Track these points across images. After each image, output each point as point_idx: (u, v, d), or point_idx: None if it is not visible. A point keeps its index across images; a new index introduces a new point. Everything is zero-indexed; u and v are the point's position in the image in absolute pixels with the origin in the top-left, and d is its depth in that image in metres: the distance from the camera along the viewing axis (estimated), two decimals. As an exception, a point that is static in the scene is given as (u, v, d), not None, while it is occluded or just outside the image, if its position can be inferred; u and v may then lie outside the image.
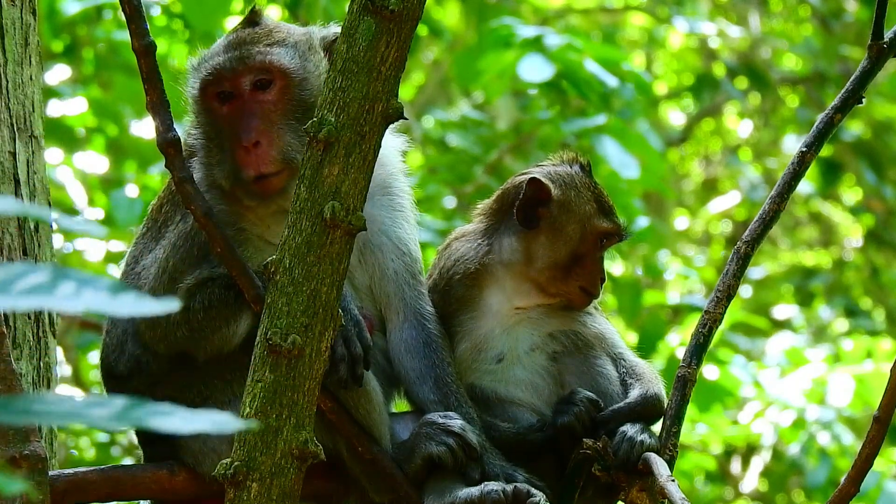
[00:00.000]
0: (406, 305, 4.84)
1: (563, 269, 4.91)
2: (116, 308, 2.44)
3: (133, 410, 2.51)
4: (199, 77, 4.65)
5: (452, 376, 4.80)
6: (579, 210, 4.93)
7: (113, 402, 2.54)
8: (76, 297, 2.46)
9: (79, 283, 2.48)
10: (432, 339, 4.83)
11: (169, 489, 4.68)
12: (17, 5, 5.02)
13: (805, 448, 11.47)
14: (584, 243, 4.92)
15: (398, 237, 4.88)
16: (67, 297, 2.46)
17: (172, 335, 4.57)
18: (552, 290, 4.94)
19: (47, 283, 2.47)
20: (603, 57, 9.60)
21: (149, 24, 4.42)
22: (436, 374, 4.79)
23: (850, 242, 17.61)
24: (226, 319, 4.52)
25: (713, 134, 18.25)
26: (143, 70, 4.38)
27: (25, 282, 2.47)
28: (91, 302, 2.44)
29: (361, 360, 4.49)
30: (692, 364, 4.77)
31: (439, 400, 4.77)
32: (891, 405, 4.46)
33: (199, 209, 4.41)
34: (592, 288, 4.93)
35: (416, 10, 4.23)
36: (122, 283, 4.24)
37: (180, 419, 2.50)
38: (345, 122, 4.23)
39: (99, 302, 2.44)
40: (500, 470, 4.67)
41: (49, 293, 2.46)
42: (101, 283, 2.49)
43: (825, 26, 15.87)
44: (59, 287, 2.46)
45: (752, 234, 4.88)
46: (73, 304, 2.45)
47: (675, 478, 4.50)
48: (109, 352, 4.74)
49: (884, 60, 4.94)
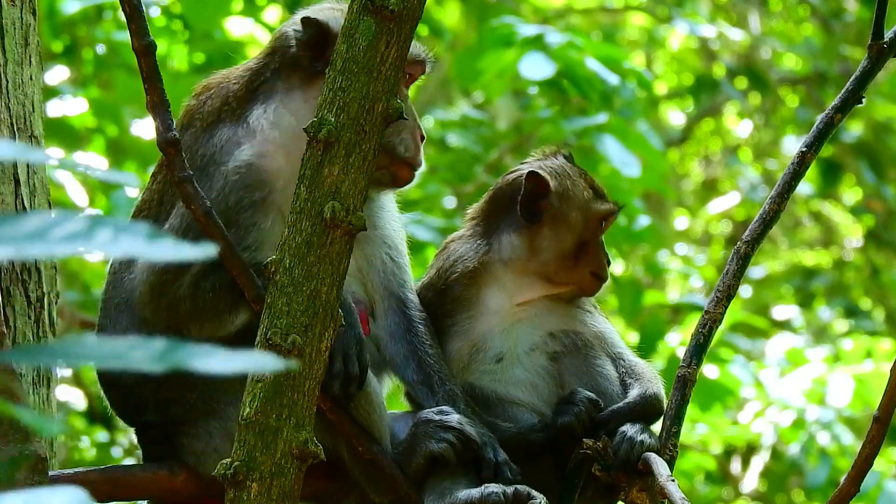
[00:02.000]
0: (390, 294, 4.89)
1: (571, 256, 4.93)
2: (154, 252, 2.44)
3: (173, 352, 2.51)
4: None
5: (434, 357, 4.84)
6: (578, 197, 4.96)
7: (153, 344, 2.54)
8: (114, 243, 2.46)
9: (116, 229, 2.48)
10: (413, 324, 4.87)
11: (169, 489, 4.68)
12: (17, 5, 5.02)
13: (805, 448, 11.48)
14: (588, 228, 4.96)
15: (384, 231, 4.91)
16: (106, 243, 2.46)
17: (175, 309, 4.55)
18: (562, 280, 4.96)
19: (85, 230, 2.47)
20: (604, 55, 9.60)
21: (148, 25, 4.42)
22: (418, 356, 4.83)
23: (850, 242, 17.61)
24: (230, 305, 4.52)
25: (713, 134, 18.25)
26: (143, 70, 4.38)
27: (62, 229, 2.47)
28: (129, 246, 2.44)
29: (356, 380, 4.51)
30: (692, 364, 4.77)
31: (422, 381, 4.81)
32: (891, 405, 4.46)
33: (200, 209, 4.41)
34: (602, 271, 4.97)
35: (416, 10, 4.23)
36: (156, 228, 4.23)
37: (221, 359, 2.50)
38: (345, 122, 4.23)
39: (136, 246, 2.44)
40: (493, 454, 4.68)
41: (87, 239, 2.46)
42: (138, 228, 2.49)
43: (825, 26, 15.87)
44: (96, 233, 2.47)
45: (752, 234, 4.88)
46: (111, 249, 2.45)
47: (675, 478, 4.50)
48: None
49: (884, 60, 4.94)
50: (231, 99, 4.76)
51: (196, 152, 4.67)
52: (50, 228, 2.48)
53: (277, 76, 4.73)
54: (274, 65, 4.76)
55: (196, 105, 4.81)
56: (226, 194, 4.58)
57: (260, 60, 4.82)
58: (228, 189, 4.59)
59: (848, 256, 17.53)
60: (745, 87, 15.94)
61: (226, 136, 4.69)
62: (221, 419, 4.60)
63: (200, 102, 4.80)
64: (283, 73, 4.73)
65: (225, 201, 4.57)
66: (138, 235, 2.46)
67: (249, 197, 4.59)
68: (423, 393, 4.80)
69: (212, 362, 2.50)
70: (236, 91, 4.77)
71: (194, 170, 4.55)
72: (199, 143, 4.70)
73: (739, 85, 15.84)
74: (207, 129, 4.72)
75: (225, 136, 4.69)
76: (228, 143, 4.67)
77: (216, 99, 4.78)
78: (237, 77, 4.82)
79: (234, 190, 4.58)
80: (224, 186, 4.60)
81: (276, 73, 4.74)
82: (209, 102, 4.78)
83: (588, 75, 9.45)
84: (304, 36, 4.67)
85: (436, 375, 4.81)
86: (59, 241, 2.46)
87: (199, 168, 4.63)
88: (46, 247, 2.45)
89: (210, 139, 4.70)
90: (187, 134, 4.71)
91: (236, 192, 4.58)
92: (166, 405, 4.65)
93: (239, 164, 4.61)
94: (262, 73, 4.77)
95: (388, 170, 4.73)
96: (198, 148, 4.68)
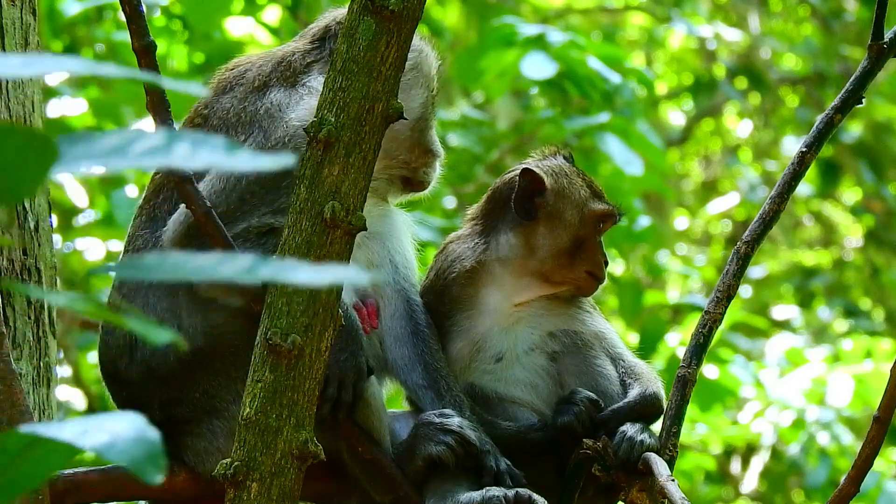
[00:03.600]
0: (396, 294, 4.89)
1: (568, 255, 4.92)
2: (234, 163, 2.44)
3: (261, 266, 2.51)
4: None
5: (441, 362, 4.83)
6: (574, 195, 4.96)
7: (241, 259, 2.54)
8: (194, 156, 2.46)
9: (194, 143, 2.48)
10: (420, 327, 4.86)
11: (169, 489, 4.68)
12: (17, 5, 5.02)
13: (805, 448, 11.48)
14: (584, 227, 4.94)
15: (391, 231, 4.92)
16: (185, 156, 2.46)
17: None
18: (558, 279, 4.95)
19: (163, 145, 2.47)
20: (605, 54, 9.61)
21: (148, 25, 4.42)
22: (424, 360, 4.82)
23: (850, 242, 17.61)
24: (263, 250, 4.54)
25: (713, 134, 18.25)
26: (143, 70, 4.38)
27: (141, 145, 2.47)
28: (209, 158, 2.44)
29: (346, 408, 4.52)
30: (692, 364, 4.77)
31: (429, 385, 4.80)
32: (891, 405, 4.46)
33: (200, 209, 4.41)
34: (599, 271, 4.95)
35: (416, 10, 4.23)
36: (233, 141, 4.24)
37: (309, 272, 2.51)
38: (345, 122, 4.23)
39: (216, 158, 2.44)
40: (501, 464, 4.67)
41: (166, 153, 2.46)
42: (216, 141, 2.50)
43: (825, 26, 15.87)
44: (175, 147, 2.47)
45: (752, 234, 4.88)
46: (191, 162, 2.45)
47: (675, 478, 4.50)
48: (115, 357, 4.73)
49: (884, 60, 4.94)
50: (283, 66, 4.82)
51: (244, 110, 4.72)
52: (130, 144, 2.48)
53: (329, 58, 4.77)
54: (326, 49, 4.84)
55: (235, 74, 4.86)
56: (285, 142, 4.63)
57: (310, 42, 4.90)
58: (289, 137, 4.63)
59: (848, 256, 17.53)
60: (744, 87, 15.94)
61: (283, 95, 4.75)
62: (225, 418, 4.60)
63: (240, 72, 4.86)
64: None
65: (283, 148, 4.62)
66: (217, 148, 2.47)
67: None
68: (428, 398, 4.79)
69: (300, 274, 2.50)
70: (288, 60, 4.83)
71: (242, 126, 4.63)
72: (247, 102, 4.75)
73: (739, 85, 15.84)
74: (256, 91, 4.78)
75: (281, 95, 4.75)
76: (288, 100, 4.73)
77: (265, 65, 4.84)
78: (284, 51, 4.89)
79: (294, 138, 4.62)
80: (284, 135, 4.64)
81: (329, 55, 4.78)
82: (253, 70, 4.84)
83: (590, 75, 9.45)
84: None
85: (442, 381, 4.80)
86: (141, 156, 2.46)
87: (250, 122, 4.70)
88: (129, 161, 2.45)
89: (261, 98, 4.75)
90: (225, 97, 4.77)
91: (296, 140, 4.61)
92: (170, 404, 4.65)
93: (303, 115, 4.63)
94: (315, 52, 4.85)
95: (408, 185, 4.97)
96: (245, 106, 4.73)
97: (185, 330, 4.62)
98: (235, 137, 4.62)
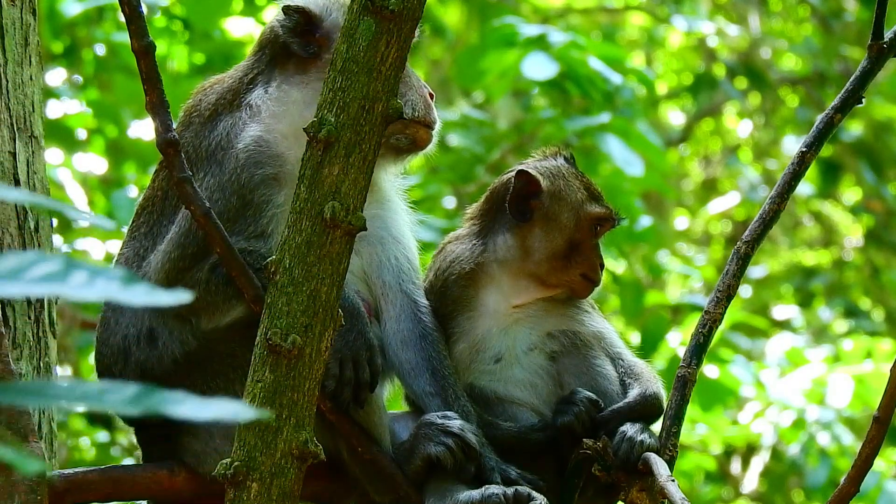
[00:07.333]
0: (403, 296, 4.87)
1: (562, 257, 4.91)
2: (128, 297, 2.45)
3: (147, 397, 2.53)
4: None
5: (449, 369, 4.82)
6: (570, 198, 4.95)
7: (127, 389, 2.55)
8: (89, 286, 2.47)
9: (91, 272, 2.50)
10: (428, 331, 4.84)
11: (169, 489, 4.68)
12: (17, 5, 5.02)
13: (805, 448, 11.47)
14: (580, 230, 4.93)
15: (398, 230, 4.91)
16: (80, 286, 2.47)
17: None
18: (553, 281, 4.94)
19: (60, 272, 2.49)
20: (606, 55, 9.60)
21: (148, 26, 4.43)
22: (432, 366, 4.80)
23: (850, 242, 17.60)
24: (237, 295, 4.53)
25: (713, 134, 18.25)
26: (142, 71, 4.38)
27: (38, 270, 2.48)
28: (104, 291, 2.45)
29: (367, 387, 4.52)
30: (692, 364, 4.77)
31: (436, 392, 4.78)
32: (891, 405, 4.46)
33: (199, 209, 4.41)
34: (593, 274, 4.94)
35: (416, 10, 4.23)
36: (132, 273, 4.24)
37: (193, 406, 2.51)
38: (345, 122, 4.23)
39: (111, 291, 2.46)
40: (495, 465, 4.67)
41: (62, 281, 2.47)
42: (113, 273, 2.50)
43: (825, 26, 15.86)
44: (71, 276, 2.48)
45: (752, 234, 4.88)
46: (86, 293, 2.46)
47: (675, 478, 4.50)
48: (110, 361, 4.73)
49: (884, 60, 4.94)
50: (226, 93, 4.82)
51: (199, 146, 4.71)
52: (26, 268, 2.49)
53: (273, 66, 4.80)
54: (266, 57, 4.84)
55: (193, 104, 4.86)
56: (238, 174, 4.62)
57: (252, 57, 4.89)
58: (240, 168, 4.63)
59: (848, 256, 17.53)
60: (744, 86, 15.94)
61: (229, 124, 4.74)
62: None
63: (197, 101, 4.86)
64: (277, 62, 4.80)
65: (237, 181, 4.60)
66: (113, 280, 2.48)
67: (261, 173, 4.63)
68: (434, 405, 4.77)
69: (185, 408, 2.52)
70: (231, 84, 4.83)
71: (200, 162, 4.61)
72: (201, 137, 4.74)
73: (739, 85, 15.83)
74: (206, 124, 4.76)
75: (228, 123, 4.74)
76: (233, 128, 4.72)
77: (212, 95, 4.83)
78: (230, 75, 4.88)
79: (245, 168, 4.62)
80: (235, 167, 4.63)
81: (270, 63, 4.81)
82: (205, 100, 4.84)
83: (590, 75, 9.45)
84: (290, 22, 4.76)
85: (450, 389, 4.78)
86: (35, 282, 2.47)
87: (206, 158, 4.68)
88: (22, 287, 2.47)
89: (212, 131, 4.74)
90: (188, 132, 4.75)
91: (248, 169, 4.61)
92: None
93: (247, 143, 4.66)
94: (255, 66, 4.85)
95: (404, 135, 4.78)
96: (200, 142, 4.72)
97: (178, 336, 4.63)
98: (197, 175, 4.63)
